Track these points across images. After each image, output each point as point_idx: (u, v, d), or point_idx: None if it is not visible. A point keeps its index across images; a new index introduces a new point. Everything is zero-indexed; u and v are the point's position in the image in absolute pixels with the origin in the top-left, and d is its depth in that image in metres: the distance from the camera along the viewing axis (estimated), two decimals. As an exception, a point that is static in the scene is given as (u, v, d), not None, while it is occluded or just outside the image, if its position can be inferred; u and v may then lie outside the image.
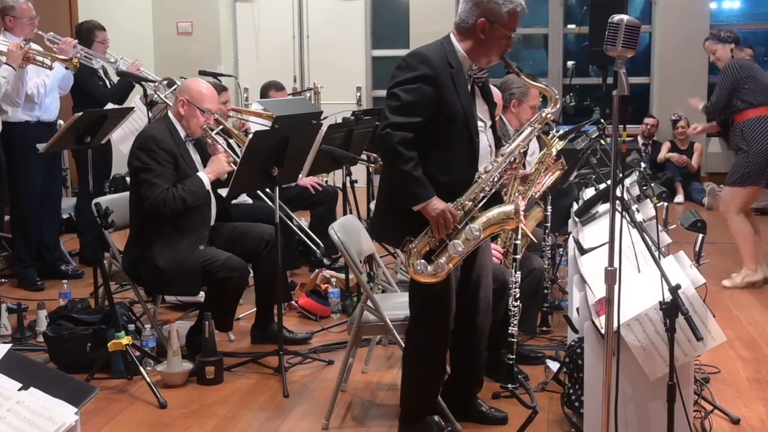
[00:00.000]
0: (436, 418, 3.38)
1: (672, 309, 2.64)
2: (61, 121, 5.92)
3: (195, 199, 4.16)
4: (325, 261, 5.64)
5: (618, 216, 2.61)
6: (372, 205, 4.26)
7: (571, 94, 7.64)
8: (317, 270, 5.45)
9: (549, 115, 3.35)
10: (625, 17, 2.50)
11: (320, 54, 10.18)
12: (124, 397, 3.87)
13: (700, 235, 3.36)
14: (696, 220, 3.38)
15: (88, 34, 6.23)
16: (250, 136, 4.28)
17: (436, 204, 3.06)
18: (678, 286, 2.67)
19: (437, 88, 3.08)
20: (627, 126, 2.81)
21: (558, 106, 3.36)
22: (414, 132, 3.05)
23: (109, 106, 5.82)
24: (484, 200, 3.19)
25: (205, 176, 4.23)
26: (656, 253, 2.91)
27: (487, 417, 3.52)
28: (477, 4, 3.11)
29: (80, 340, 4.13)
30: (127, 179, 5.32)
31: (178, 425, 3.60)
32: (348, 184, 5.16)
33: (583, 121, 4.86)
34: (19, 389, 2.12)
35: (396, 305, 3.57)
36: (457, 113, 3.11)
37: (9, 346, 2.32)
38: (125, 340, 3.93)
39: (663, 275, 2.68)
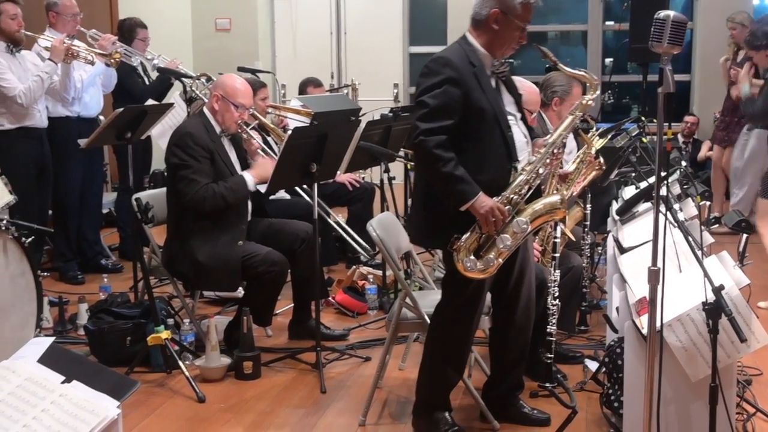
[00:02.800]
0: (447, 414, 3.38)
1: (715, 310, 2.62)
2: (101, 117, 5.98)
3: (236, 198, 4.18)
4: (362, 258, 5.64)
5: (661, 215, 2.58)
6: (410, 202, 4.24)
7: (609, 91, 7.57)
8: (354, 266, 5.47)
9: (590, 102, 3.33)
10: (671, 13, 2.47)
11: (357, 50, 10.18)
12: (164, 391, 3.91)
13: (744, 235, 3.33)
14: (740, 219, 3.35)
15: (129, 31, 6.30)
16: (289, 132, 4.29)
17: (485, 200, 3.06)
18: (721, 287, 2.64)
19: (463, 88, 3.09)
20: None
21: (598, 92, 3.33)
22: (447, 134, 3.06)
23: (149, 102, 5.87)
24: (530, 192, 3.19)
25: (249, 177, 4.23)
26: (699, 253, 2.87)
27: (529, 418, 3.50)
28: None
29: (120, 334, 4.17)
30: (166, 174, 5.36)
31: (216, 419, 3.63)
32: (386, 181, 5.17)
33: (621, 119, 4.82)
34: (62, 382, 2.15)
35: (433, 302, 3.54)
36: (486, 110, 3.12)
37: (52, 339, 2.34)
38: (164, 334, 3.97)
39: (706, 275, 2.65)
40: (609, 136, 4.48)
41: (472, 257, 3.10)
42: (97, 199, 6.26)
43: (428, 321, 3.46)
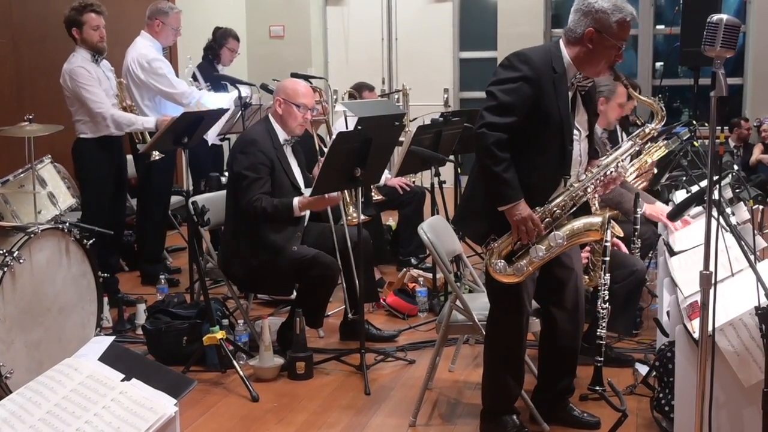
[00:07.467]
0: (514, 417, 3.39)
1: (768, 314, 2.59)
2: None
3: (277, 217, 4.17)
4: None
5: (712, 219, 2.57)
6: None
7: (660, 95, 7.56)
8: (405, 269, 5.51)
9: (653, 132, 3.32)
10: (724, 16, 2.45)
11: (408, 56, 10.24)
12: (219, 390, 3.98)
13: (798, 239, 3.29)
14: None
15: (221, 38, 6.58)
16: (333, 137, 4.33)
17: (521, 209, 3.07)
18: (775, 291, 2.61)
19: (537, 90, 3.07)
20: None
21: (663, 122, 3.32)
22: (508, 133, 3.05)
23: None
24: (573, 209, 3.20)
25: (296, 204, 4.19)
26: (752, 257, 2.85)
27: (579, 421, 3.50)
28: (585, 13, 3.08)
29: (177, 334, 4.25)
30: (222, 179, 5.44)
31: (269, 418, 3.69)
32: (436, 185, 5.20)
33: (672, 123, 4.78)
34: (122, 380, 2.17)
35: (483, 305, 3.57)
36: (552, 118, 3.10)
37: (112, 338, 2.39)
38: (219, 334, 4.04)
39: (759, 279, 2.62)
40: (659, 141, 4.45)
41: (502, 261, 3.14)
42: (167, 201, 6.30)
43: (478, 323, 3.49)
